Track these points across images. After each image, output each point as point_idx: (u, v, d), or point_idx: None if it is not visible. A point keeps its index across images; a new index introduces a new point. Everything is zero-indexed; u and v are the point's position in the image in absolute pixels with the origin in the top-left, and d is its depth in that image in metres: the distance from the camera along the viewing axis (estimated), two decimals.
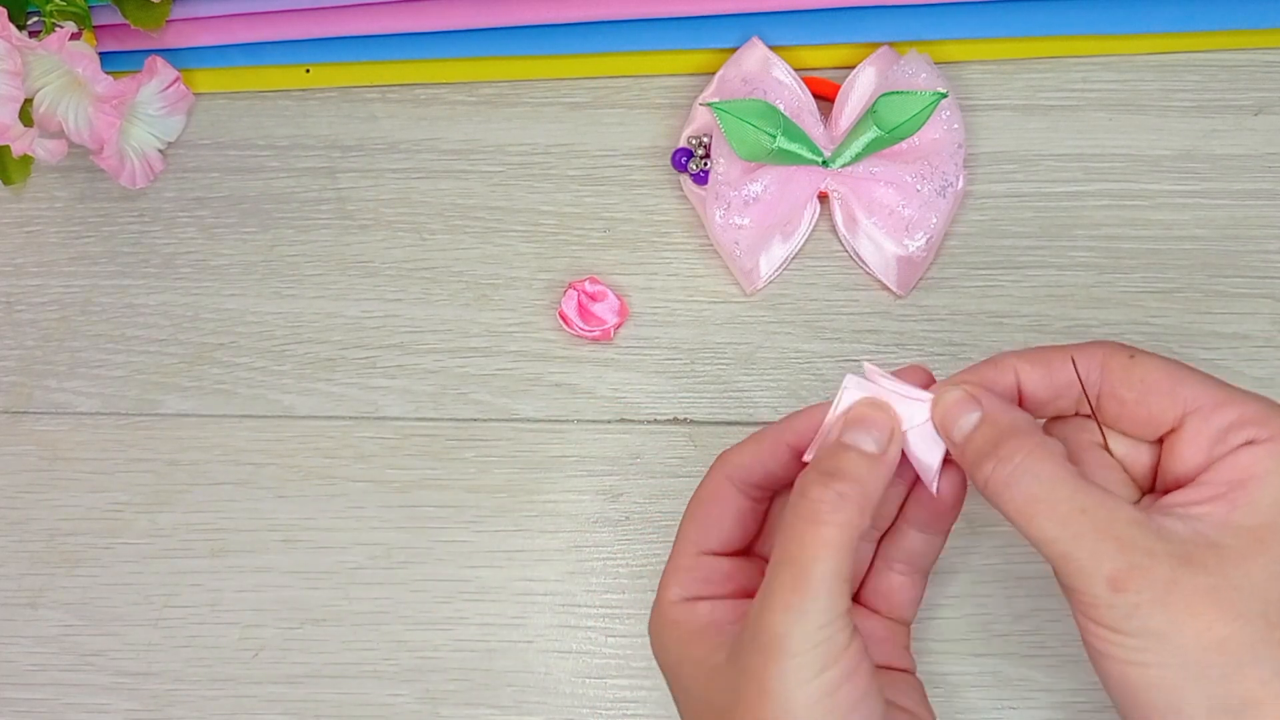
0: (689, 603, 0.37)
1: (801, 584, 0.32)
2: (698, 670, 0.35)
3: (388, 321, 0.50)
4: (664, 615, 0.37)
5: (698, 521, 0.38)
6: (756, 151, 0.46)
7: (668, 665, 0.37)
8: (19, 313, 0.51)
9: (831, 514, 0.33)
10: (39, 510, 0.49)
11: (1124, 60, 0.50)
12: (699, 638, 0.36)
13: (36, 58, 0.47)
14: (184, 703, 0.47)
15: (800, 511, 0.33)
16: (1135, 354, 0.35)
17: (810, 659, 0.32)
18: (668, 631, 0.37)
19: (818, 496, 0.33)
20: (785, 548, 0.33)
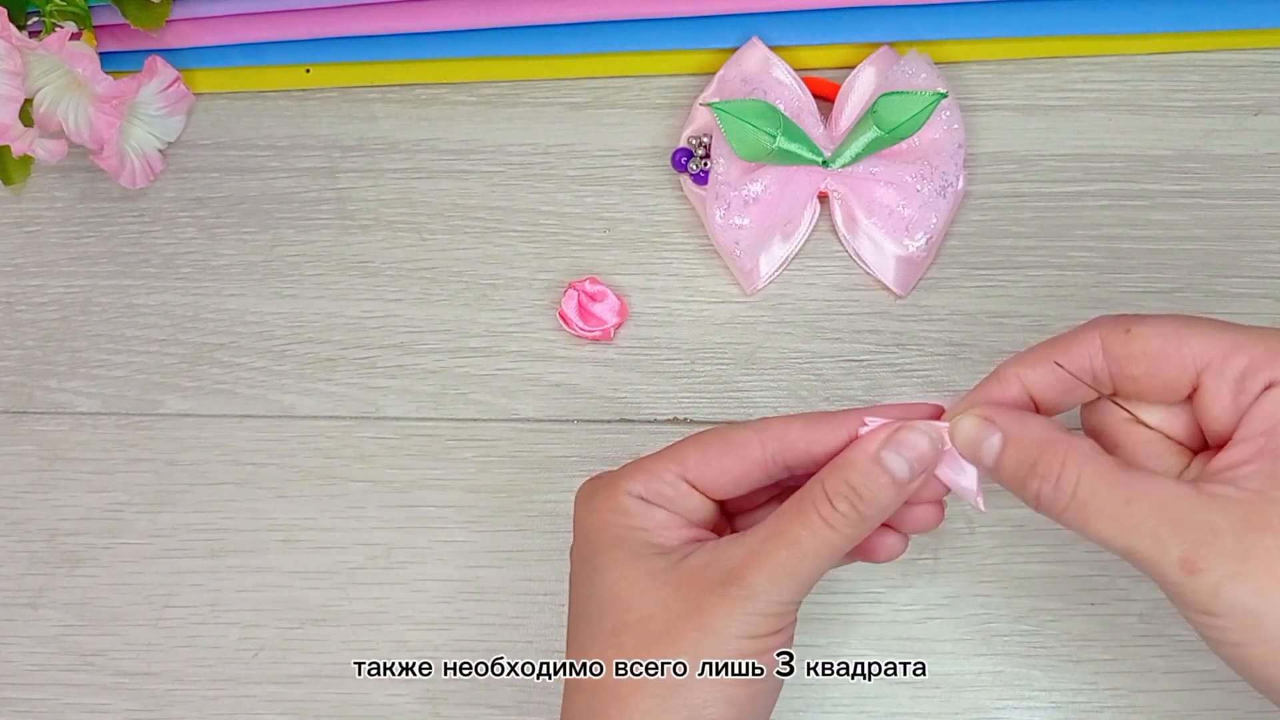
0: (646, 504, 0.37)
1: (792, 565, 0.34)
2: (629, 563, 0.35)
3: (388, 321, 0.50)
4: (614, 497, 0.37)
5: (704, 455, 0.37)
6: (756, 151, 0.46)
7: (593, 538, 0.37)
8: (19, 313, 0.51)
9: (845, 527, 0.35)
10: (39, 510, 0.49)
11: (1124, 60, 0.50)
12: (642, 536, 0.36)
13: (36, 58, 0.47)
14: (184, 703, 0.47)
15: (821, 510, 0.35)
16: (1132, 326, 0.34)
17: (761, 621, 0.34)
18: (611, 513, 0.36)
19: (844, 510, 0.35)
20: (793, 530, 0.35)
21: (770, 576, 0.34)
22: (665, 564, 0.35)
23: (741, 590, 0.34)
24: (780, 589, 0.34)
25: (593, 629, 0.36)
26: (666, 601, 0.35)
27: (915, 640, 0.45)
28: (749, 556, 0.34)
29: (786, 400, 0.47)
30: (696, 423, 0.48)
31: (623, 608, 0.35)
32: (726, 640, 0.34)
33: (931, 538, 0.46)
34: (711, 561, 0.35)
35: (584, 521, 0.38)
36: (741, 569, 0.34)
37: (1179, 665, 0.44)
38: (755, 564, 0.34)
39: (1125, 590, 0.45)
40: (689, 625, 0.34)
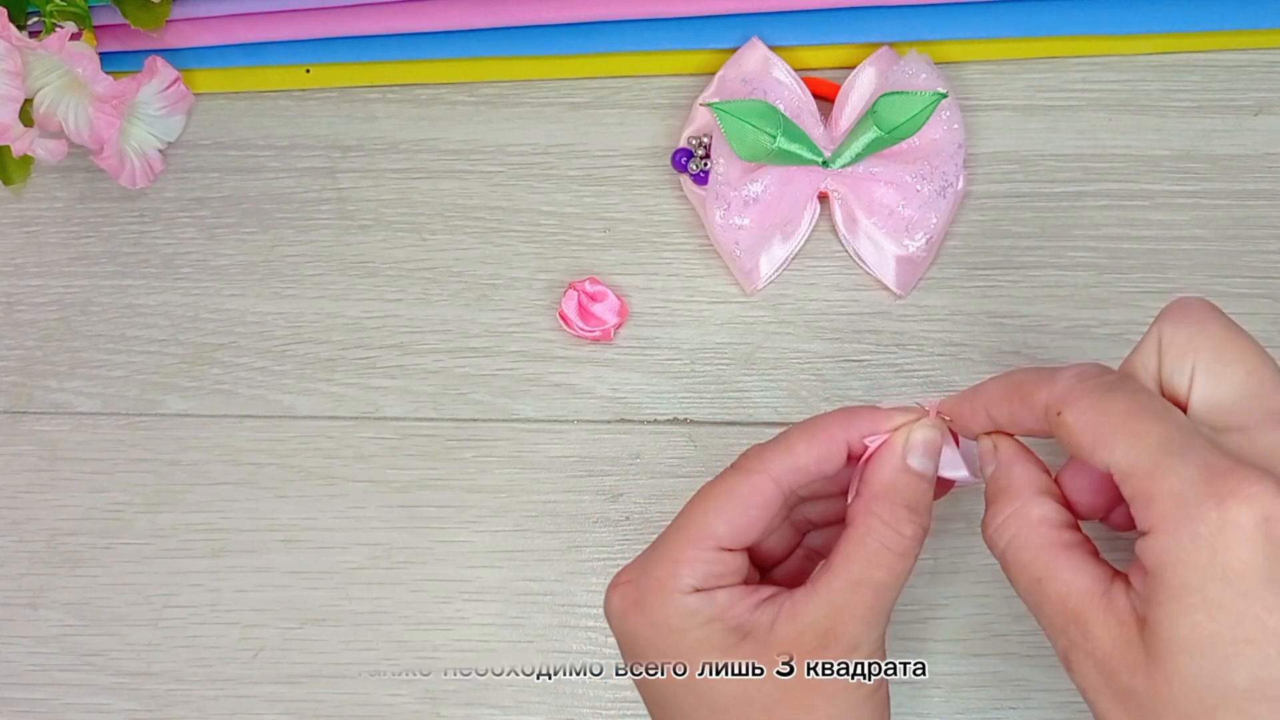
0: (704, 593, 0.36)
1: (880, 605, 0.35)
2: (725, 660, 0.35)
3: (388, 321, 0.50)
4: (678, 603, 0.36)
5: (729, 519, 0.36)
6: (756, 151, 0.46)
7: (679, 652, 0.36)
8: (19, 313, 0.51)
9: (915, 547, 0.36)
10: (39, 510, 0.49)
11: (1124, 60, 0.50)
12: (721, 627, 0.35)
13: (36, 58, 0.47)
14: (184, 703, 0.47)
15: (892, 545, 0.35)
16: (1063, 409, 0.32)
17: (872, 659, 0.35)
18: (684, 619, 0.35)
19: (909, 533, 0.35)
20: (870, 572, 0.35)
21: (865, 624, 0.35)
22: (759, 645, 0.35)
23: (844, 647, 0.35)
24: (875, 630, 0.35)
25: None
26: (782, 682, 0.35)
27: (915, 640, 0.45)
28: (838, 613, 0.35)
29: (786, 400, 0.47)
30: (696, 423, 0.48)
31: (745, 703, 0.35)
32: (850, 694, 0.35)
33: (932, 537, 0.45)
34: (802, 628, 0.35)
35: (647, 635, 0.36)
36: (836, 626, 0.35)
37: None
38: (848, 618, 0.35)
39: None
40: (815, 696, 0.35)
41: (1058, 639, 0.33)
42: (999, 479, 0.35)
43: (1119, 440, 0.31)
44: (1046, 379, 0.33)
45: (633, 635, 0.37)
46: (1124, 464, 0.31)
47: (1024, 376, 0.35)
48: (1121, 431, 0.31)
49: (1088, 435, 0.32)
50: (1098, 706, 0.32)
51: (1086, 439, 0.32)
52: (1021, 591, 0.34)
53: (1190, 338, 0.33)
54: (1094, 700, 0.32)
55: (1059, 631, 0.32)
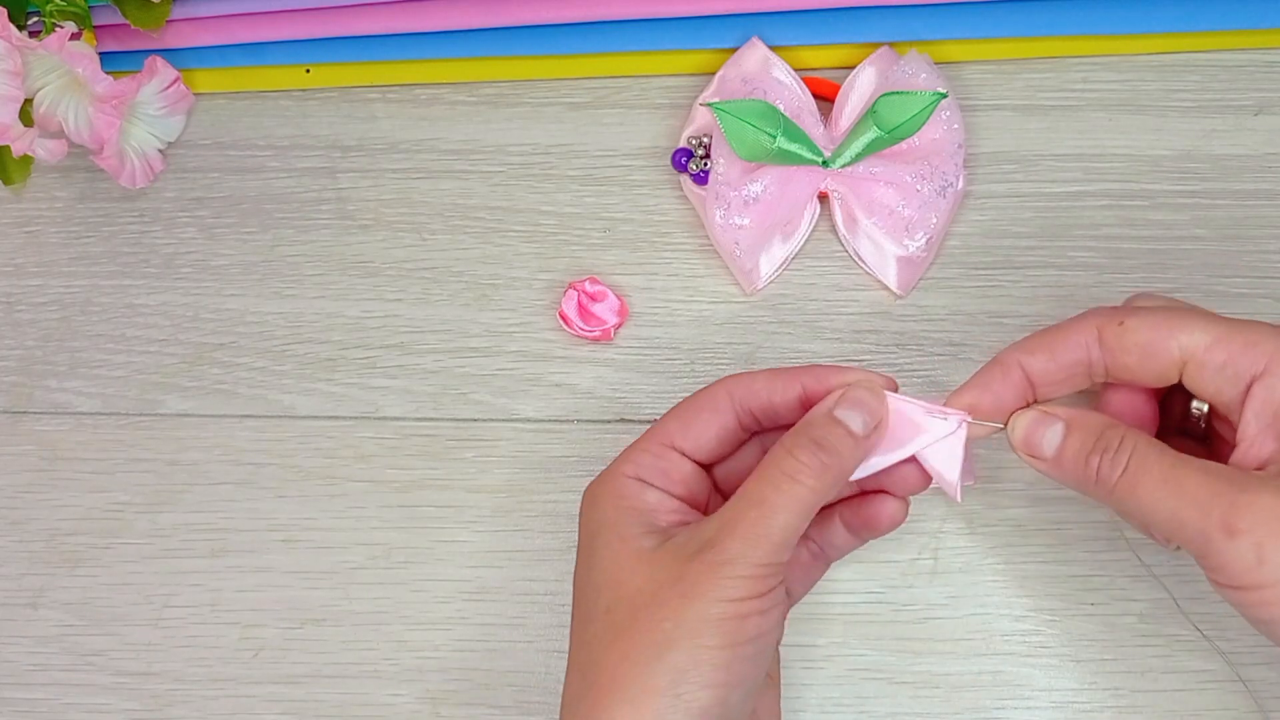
0: (640, 483, 0.38)
1: (763, 525, 0.35)
2: (620, 545, 0.37)
3: (388, 321, 0.50)
4: (611, 484, 0.38)
5: (683, 420, 0.39)
6: (756, 151, 0.46)
7: (593, 529, 0.38)
8: (19, 313, 0.51)
9: (809, 478, 0.36)
10: (39, 510, 0.49)
11: (1124, 60, 0.50)
12: (635, 516, 0.37)
13: (36, 58, 0.47)
14: (184, 703, 0.47)
15: (783, 466, 0.36)
16: (1125, 319, 0.36)
17: (741, 584, 0.35)
18: (608, 500, 0.38)
19: (803, 460, 0.36)
20: (759, 491, 0.36)
21: (743, 538, 0.35)
22: (653, 543, 0.37)
23: (717, 555, 0.35)
24: (754, 550, 0.35)
25: (589, 609, 0.37)
26: (653, 575, 0.36)
27: (915, 640, 0.45)
28: (722, 525, 0.36)
29: None
30: None
31: (615, 585, 0.36)
32: (707, 605, 0.35)
33: (931, 538, 0.46)
34: (692, 535, 0.36)
35: (584, 511, 0.39)
36: (716, 536, 0.35)
37: (1179, 665, 0.44)
38: (728, 529, 0.35)
39: (1125, 590, 0.45)
40: (672, 594, 0.35)
41: (1211, 512, 0.33)
42: (1085, 423, 0.37)
43: (1192, 321, 0.36)
44: (1080, 316, 0.38)
45: (580, 517, 0.39)
46: (1208, 334, 0.35)
47: (1049, 327, 0.38)
48: (1188, 316, 0.36)
49: (1161, 327, 0.36)
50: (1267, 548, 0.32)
51: (1162, 330, 0.36)
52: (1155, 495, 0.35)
53: None
54: (1275, 548, 0.32)
55: (1212, 504, 0.33)
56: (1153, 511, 0.35)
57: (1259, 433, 0.35)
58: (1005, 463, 0.46)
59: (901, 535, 0.42)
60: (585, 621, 0.37)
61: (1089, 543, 0.45)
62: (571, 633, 0.38)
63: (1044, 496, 0.45)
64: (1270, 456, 0.35)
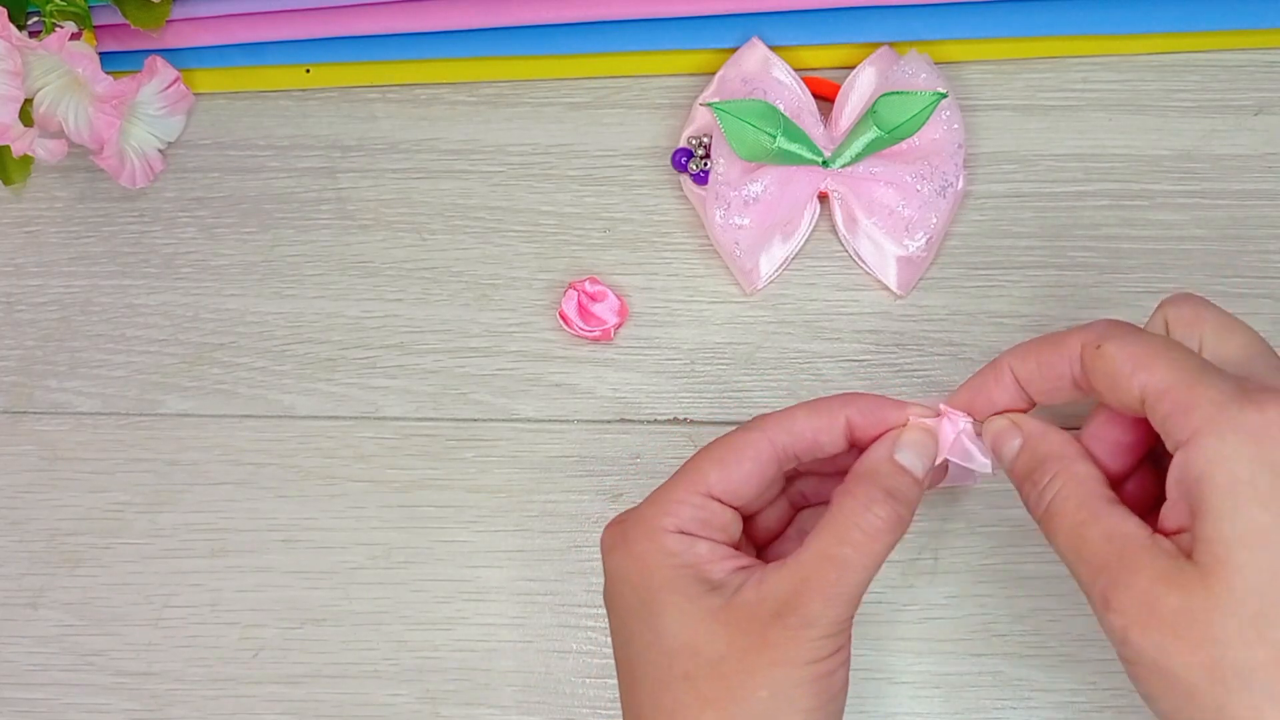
0: (686, 537, 0.37)
1: (845, 584, 0.35)
2: (689, 607, 0.36)
3: (388, 321, 0.50)
4: (658, 540, 0.37)
5: (723, 466, 0.38)
6: (756, 151, 0.46)
7: (648, 591, 0.36)
8: (19, 313, 0.51)
9: (887, 533, 0.36)
10: (39, 510, 0.49)
11: (1124, 60, 0.50)
12: (692, 573, 0.36)
13: (36, 58, 0.47)
14: (184, 703, 0.47)
15: (862, 523, 0.36)
16: (1103, 342, 0.35)
17: (826, 643, 0.35)
18: (660, 557, 0.36)
19: (883, 515, 0.36)
20: (839, 551, 0.35)
21: (825, 600, 0.35)
22: (721, 601, 0.36)
23: (801, 619, 0.35)
24: (836, 610, 0.35)
25: (662, 676, 0.36)
26: (733, 640, 0.35)
27: (915, 640, 0.45)
28: (801, 584, 0.35)
29: (786, 400, 0.47)
30: (696, 423, 0.48)
31: (692, 652, 0.35)
32: (799, 669, 0.34)
33: (931, 538, 0.46)
34: (765, 595, 0.35)
35: (625, 568, 0.37)
36: (796, 598, 0.35)
37: None
38: (809, 591, 0.35)
39: None
40: (760, 660, 0.34)
41: (1097, 580, 0.33)
42: (1035, 447, 0.37)
43: (1159, 363, 0.33)
44: (1075, 329, 0.36)
45: (613, 569, 0.38)
46: (1164, 382, 0.33)
47: (1047, 335, 0.37)
48: (1161, 356, 0.34)
49: (1129, 361, 0.34)
50: (1143, 642, 0.32)
51: (1128, 365, 0.34)
52: (1061, 541, 0.35)
53: (1196, 312, 0.36)
54: (1138, 638, 0.32)
55: (1100, 572, 0.33)
56: (1059, 554, 0.35)
57: (1174, 501, 0.33)
58: None
59: None
60: (658, 688, 0.36)
61: None
62: (632, 697, 0.37)
63: None
64: (1182, 526, 0.33)
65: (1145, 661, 0.32)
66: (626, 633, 0.37)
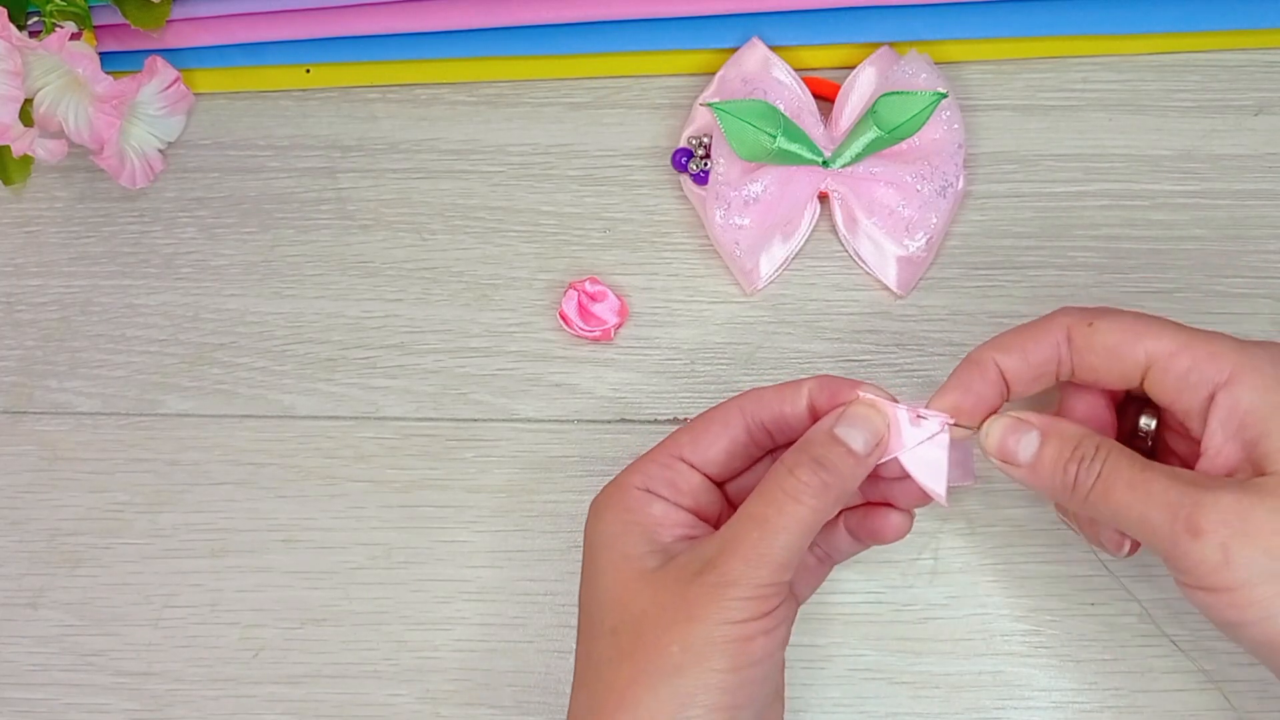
0: (647, 494, 0.38)
1: (764, 545, 0.35)
2: (624, 564, 0.37)
3: (388, 322, 0.50)
4: (618, 496, 0.38)
5: (694, 433, 0.39)
6: (756, 151, 0.46)
7: (597, 544, 0.38)
8: (19, 313, 0.51)
9: (810, 498, 0.36)
10: (39, 510, 0.49)
11: (1124, 60, 0.50)
12: (639, 531, 0.37)
13: (37, 58, 0.47)
14: (184, 703, 0.47)
15: (784, 485, 0.36)
16: (1095, 319, 0.37)
17: (744, 606, 0.35)
18: (614, 512, 0.38)
19: (804, 479, 0.36)
20: (761, 510, 0.36)
21: (744, 559, 0.35)
22: (656, 562, 0.37)
23: (719, 577, 0.35)
24: (756, 571, 0.35)
25: (595, 628, 0.37)
26: (657, 596, 0.36)
27: (915, 640, 0.45)
28: (724, 544, 0.36)
29: None
30: None
31: (620, 606, 0.36)
32: (712, 627, 0.35)
33: (931, 538, 0.46)
34: (694, 554, 0.36)
35: (590, 528, 0.39)
36: (717, 556, 0.35)
37: (1179, 665, 0.44)
38: (729, 550, 0.35)
39: (1125, 590, 0.45)
40: (677, 617, 0.35)
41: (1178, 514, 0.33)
42: (1062, 432, 0.37)
43: (1159, 328, 0.36)
44: (1048, 317, 0.38)
45: (586, 529, 0.39)
46: (1174, 342, 0.36)
47: (1021, 325, 0.39)
48: (1157, 323, 0.36)
49: (1128, 333, 0.36)
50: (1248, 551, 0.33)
51: (1128, 336, 0.36)
52: (1125, 500, 0.35)
53: None
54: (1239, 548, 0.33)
55: (1178, 506, 0.33)
56: (1124, 516, 0.35)
57: (1224, 441, 0.35)
58: None
59: None
60: (590, 639, 0.37)
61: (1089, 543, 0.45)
62: (577, 647, 0.38)
63: (1044, 497, 0.45)
64: (1237, 464, 0.35)
65: (1253, 575, 0.32)
66: (581, 589, 0.39)
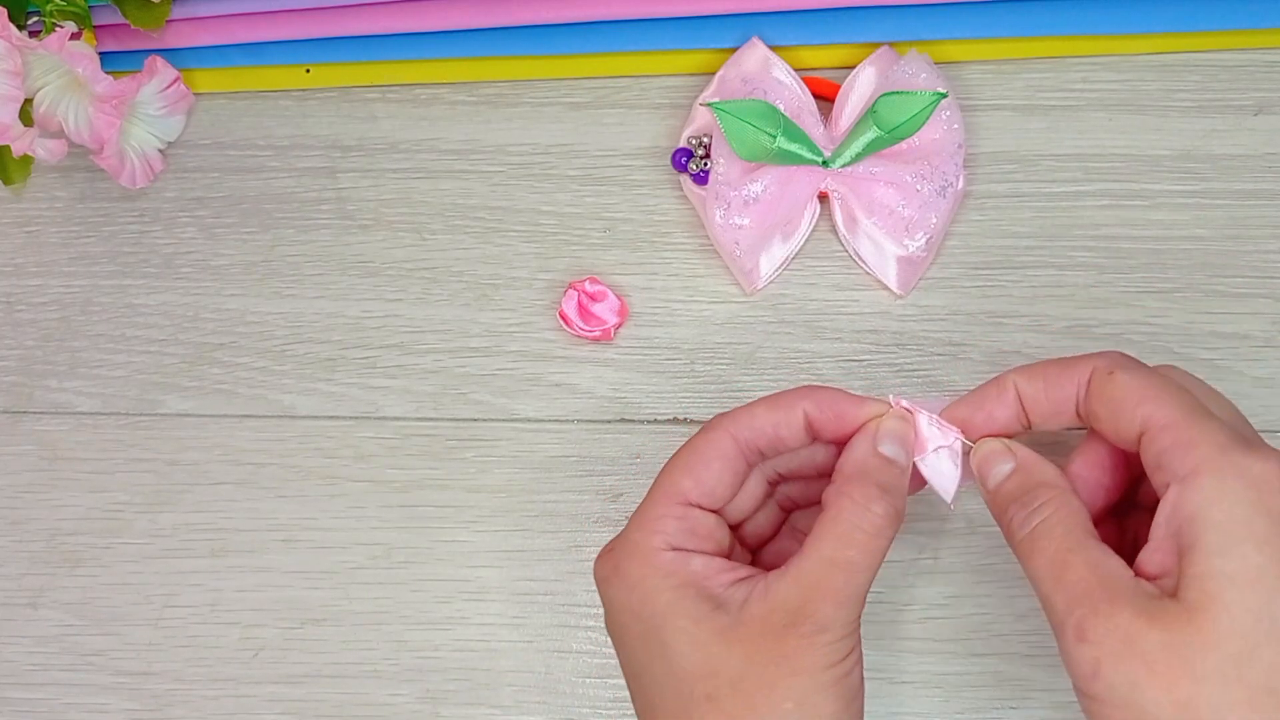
0: (680, 553, 0.37)
1: (851, 587, 0.35)
2: (696, 630, 0.35)
3: (388, 321, 0.50)
4: (653, 563, 0.36)
5: (693, 473, 0.38)
6: (756, 151, 0.46)
7: (653, 618, 0.36)
8: (19, 313, 0.51)
9: (888, 529, 0.36)
10: (39, 510, 0.49)
11: (1124, 60, 0.50)
12: (693, 594, 0.36)
13: (36, 58, 0.47)
14: (184, 703, 0.47)
15: (863, 523, 0.36)
16: (1116, 370, 0.36)
17: (841, 646, 0.35)
18: (658, 580, 0.36)
19: (879, 512, 0.36)
20: (844, 554, 0.35)
21: (835, 604, 0.35)
22: (728, 619, 0.35)
23: (814, 626, 0.34)
24: (847, 612, 0.35)
25: (682, 702, 0.35)
26: (750, 656, 0.35)
27: (915, 640, 0.45)
28: (810, 591, 0.35)
29: None
30: (696, 423, 0.48)
31: (710, 674, 0.35)
32: (818, 675, 0.34)
33: (931, 537, 0.46)
34: (774, 606, 0.35)
35: (624, 598, 0.37)
36: (806, 605, 0.35)
37: None
38: (819, 597, 0.35)
39: None
40: (781, 672, 0.34)
41: (1074, 609, 0.33)
42: (1030, 471, 0.37)
43: (1166, 397, 0.34)
44: (1087, 355, 0.37)
45: (612, 600, 0.37)
46: (1169, 416, 0.34)
47: (1056, 358, 0.38)
48: (1168, 391, 0.35)
49: (1138, 391, 0.35)
50: (1115, 676, 0.32)
51: (1135, 394, 0.35)
52: (1042, 566, 0.34)
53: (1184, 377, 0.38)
54: (1110, 670, 0.32)
55: (1079, 601, 0.33)
56: (1034, 581, 0.35)
57: (1163, 539, 0.33)
58: None
59: (902, 535, 0.42)
60: (680, 714, 0.35)
61: None
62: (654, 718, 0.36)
63: None
64: (1164, 570, 0.33)
65: (1114, 697, 0.32)
66: (637, 664, 0.37)
